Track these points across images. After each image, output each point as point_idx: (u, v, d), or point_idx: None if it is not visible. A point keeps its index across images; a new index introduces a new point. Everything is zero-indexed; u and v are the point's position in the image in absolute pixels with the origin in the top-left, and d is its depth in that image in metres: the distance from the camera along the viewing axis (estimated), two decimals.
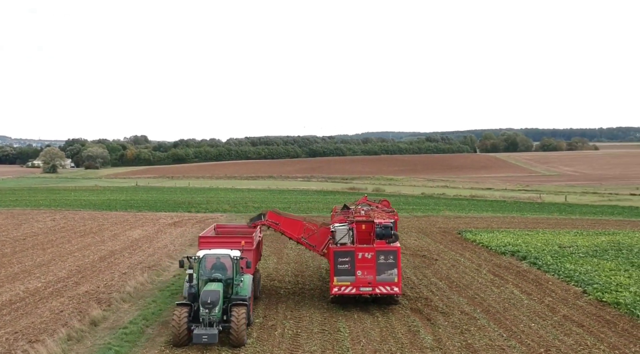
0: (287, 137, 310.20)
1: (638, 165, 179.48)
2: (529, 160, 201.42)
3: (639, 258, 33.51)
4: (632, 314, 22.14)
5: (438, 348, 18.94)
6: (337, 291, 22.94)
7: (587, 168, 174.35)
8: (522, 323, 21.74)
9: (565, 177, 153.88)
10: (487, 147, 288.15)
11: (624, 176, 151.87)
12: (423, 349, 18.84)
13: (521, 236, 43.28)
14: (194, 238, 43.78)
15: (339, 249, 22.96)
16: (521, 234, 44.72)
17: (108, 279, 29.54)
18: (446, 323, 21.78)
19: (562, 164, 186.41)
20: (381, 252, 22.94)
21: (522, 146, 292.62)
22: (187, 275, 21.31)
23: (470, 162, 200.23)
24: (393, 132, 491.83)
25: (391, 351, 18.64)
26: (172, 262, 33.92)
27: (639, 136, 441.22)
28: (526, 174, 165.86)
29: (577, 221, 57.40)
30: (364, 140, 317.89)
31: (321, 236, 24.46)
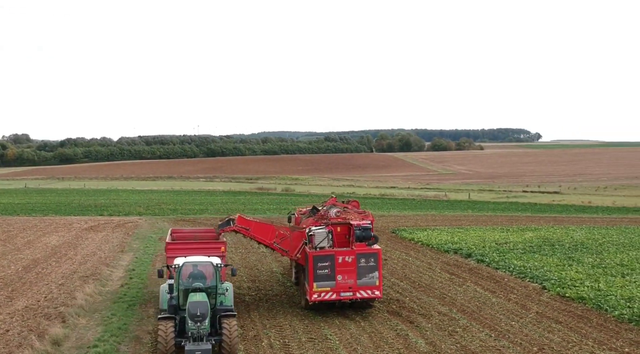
0: (184, 137, 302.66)
1: (523, 164, 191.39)
2: (425, 159, 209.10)
3: (574, 253, 35.16)
4: (600, 309, 22.95)
5: (436, 352, 18.62)
6: (316, 297, 22.06)
7: (478, 167, 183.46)
8: (502, 321, 21.94)
9: (461, 175, 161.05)
10: (383, 147, 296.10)
11: (512, 174, 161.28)
12: None
13: (455, 233, 44.30)
14: (122, 244, 41.23)
15: (318, 253, 22.07)
16: (453, 231, 45.81)
17: (45, 291, 26.83)
18: (429, 325, 21.55)
19: (455, 163, 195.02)
20: (362, 255, 22.30)
21: (415, 145, 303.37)
22: (166, 285, 19.74)
23: (371, 161, 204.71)
24: (290, 131, 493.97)
25: None
26: (111, 270, 31.56)
27: (516, 137, 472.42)
28: (424, 172, 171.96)
29: (494, 218, 59.81)
30: (263, 139, 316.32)
31: (294, 241, 23.47)
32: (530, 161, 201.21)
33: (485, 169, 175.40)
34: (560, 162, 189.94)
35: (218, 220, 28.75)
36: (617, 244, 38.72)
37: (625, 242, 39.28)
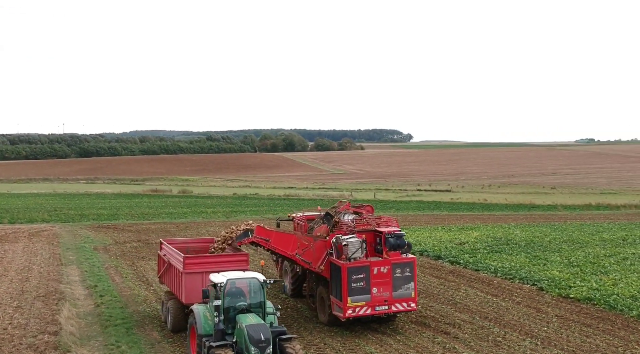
0: (52, 136, 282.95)
1: (408, 163, 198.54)
2: (314, 159, 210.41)
3: (540, 251, 35.97)
4: (614, 309, 23.24)
5: None
6: (351, 313, 20.35)
7: (367, 167, 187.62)
8: (533, 327, 21.50)
9: (353, 175, 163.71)
10: (267, 146, 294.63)
11: (400, 173, 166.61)
12: None
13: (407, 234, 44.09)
14: (54, 256, 36.83)
15: (353, 264, 20.39)
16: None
17: (5, 318, 22.90)
18: (466, 335, 20.64)
19: (344, 163, 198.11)
20: (397, 265, 20.86)
21: (298, 145, 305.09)
22: (202, 307, 17.35)
23: (260, 161, 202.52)
24: (164, 130, 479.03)
25: None
26: (69, 288, 27.73)
27: (390, 137, 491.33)
28: (316, 172, 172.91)
29: (419, 217, 60.54)
30: (141, 139, 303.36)
31: (317, 251, 21.54)
32: (413, 160, 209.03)
33: (374, 169, 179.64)
34: (441, 162, 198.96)
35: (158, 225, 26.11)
36: (563, 241, 40.27)
37: (568, 240, 40.94)
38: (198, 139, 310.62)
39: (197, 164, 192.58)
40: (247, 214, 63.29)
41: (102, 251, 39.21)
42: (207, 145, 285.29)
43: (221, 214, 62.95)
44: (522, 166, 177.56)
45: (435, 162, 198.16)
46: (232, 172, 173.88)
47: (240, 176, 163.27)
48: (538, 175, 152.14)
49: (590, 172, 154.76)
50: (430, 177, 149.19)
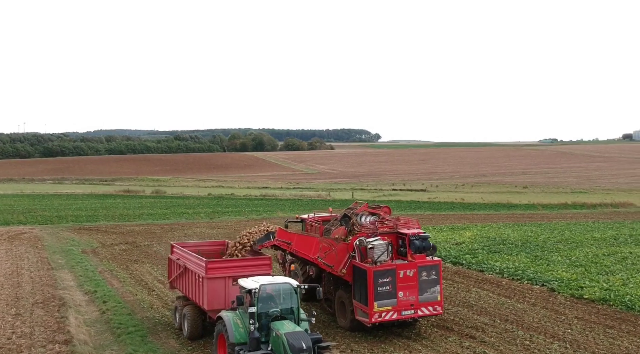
0: (14, 135, 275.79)
1: (380, 163, 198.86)
2: (286, 159, 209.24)
3: (538, 251, 35.91)
4: (632, 310, 23.05)
5: None
6: (377, 318, 19.72)
7: (339, 166, 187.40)
8: (558, 330, 21.08)
9: (326, 174, 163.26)
10: (236, 146, 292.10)
11: (373, 173, 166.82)
12: None
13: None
14: (42, 259, 35.43)
15: (379, 268, 19.79)
16: None
17: (7, 326, 21.69)
18: (493, 339, 20.17)
19: (316, 163, 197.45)
20: (423, 268, 20.29)
21: (268, 145, 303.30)
22: (231, 314, 16.65)
23: (232, 161, 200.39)
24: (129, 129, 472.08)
25: None
26: (67, 293, 26.50)
27: (359, 137, 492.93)
28: (289, 172, 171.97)
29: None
30: (107, 138, 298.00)
31: (339, 254, 20.89)
32: (385, 160, 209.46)
33: (347, 169, 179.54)
34: (412, 162, 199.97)
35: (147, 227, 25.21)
36: (557, 241, 40.35)
37: (562, 239, 41.07)
38: (165, 138, 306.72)
39: (167, 164, 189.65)
40: (229, 215, 62.29)
41: (92, 254, 37.88)
42: (175, 145, 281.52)
43: (204, 215, 61.79)
44: (492, 166, 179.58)
45: (407, 162, 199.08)
46: (204, 172, 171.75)
47: (212, 175, 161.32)
48: (508, 174, 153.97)
49: (558, 172, 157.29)
50: (404, 177, 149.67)
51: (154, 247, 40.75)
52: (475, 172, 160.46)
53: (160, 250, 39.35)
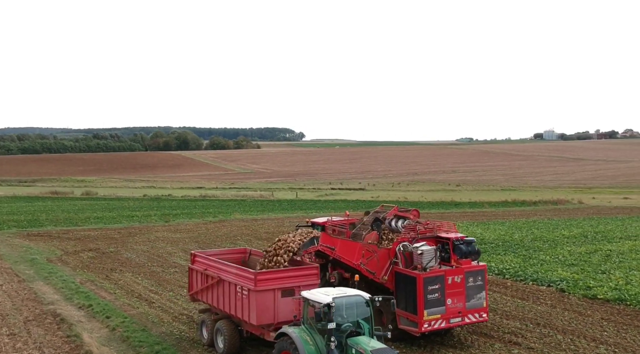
0: None
1: (312, 162, 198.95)
2: (216, 158, 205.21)
3: (523, 250, 36.28)
4: None
5: None
6: (427, 327, 18.85)
7: (273, 165, 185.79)
8: (595, 332, 20.97)
9: (260, 174, 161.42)
10: (159, 145, 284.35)
11: (307, 172, 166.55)
12: None
13: None
14: (6, 270, 32.42)
15: (429, 275, 18.95)
16: None
17: (8, 349, 19.33)
18: (539, 346, 19.59)
19: (248, 162, 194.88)
20: (470, 274, 19.61)
21: (193, 144, 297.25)
22: (296, 329, 15.43)
23: (159, 161, 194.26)
24: (41, 127, 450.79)
25: None
26: (57, 308, 24.07)
27: (283, 135, 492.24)
28: (222, 171, 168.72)
29: None
30: (20, 137, 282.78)
31: (381, 260, 19.93)
32: (317, 159, 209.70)
33: (280, 168, 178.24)
34: (344, 161, 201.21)
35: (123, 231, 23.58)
36: (532, 240, 40.97)
37: (535, 238, 41.80)
38: (84, 137, 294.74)
39: (89, 163, 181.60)
40: (182, 218, 59.83)
41: (60, 263, 35.01)
42: (95, 143, 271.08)
43: (156, 218, 59.00)
44: (421, 164, 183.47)
45: (339, 161, 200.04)
46: (129, 172, 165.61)
47: (140, 175, 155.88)
48: (439, 173, 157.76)
49: (486, 170, 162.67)
50: (338, 176, 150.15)
51: (123, 253, 38.27)
52: (406, 171, 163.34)
53: (132, 257, 37.01)
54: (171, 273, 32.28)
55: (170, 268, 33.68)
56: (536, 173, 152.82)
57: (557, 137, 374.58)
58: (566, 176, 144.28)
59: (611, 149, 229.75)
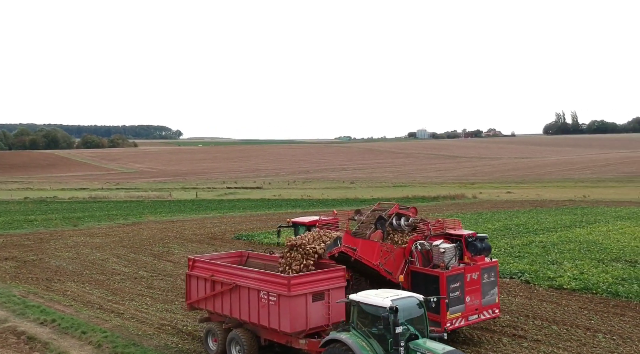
0: None
1: (199, 160, 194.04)
2: (95, 157, 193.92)
3: None
4: (618, 297, 24.56)
5: None
6: (449, 326, 18.57)
7: (158, 164, 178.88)
8: (578, 320, 21.73)
9: (146, 174, 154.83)
10: (25, 143, 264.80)
11: (195, 171, 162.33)
12: None
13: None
14: None
15: (451, 273, 18.67)
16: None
17: None
18: (543, 337, 19.88)
19: (130, 161, 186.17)
20: (485, 270, 19.56)
21: (63, 142, 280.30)
22: (365, 335, 14.53)
23: (31, 160, 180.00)
24: None
25: None
26: (23, 326, 21.25)
27: (159, 133, 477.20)
28: (104, 172, 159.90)
29: (284, 216, 59.53)
30: None
31: (397, 260, 19.35)
32: (204, 157, 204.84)
33: (166, 167, 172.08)
34: (233, 159, 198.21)
35: None
36: None
37: None
38: None
39: None
40: (91, 221, 55.64)
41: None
42: None
43: (60, 222, 54.43)
44: (310, 162, 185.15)
45: (227, 160, 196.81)
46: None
47: (11, 176, 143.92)
48: (330, 170, 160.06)
49: (374, 167, 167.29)
50: (230, 175, 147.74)
51: (49, 261, 34.83)
52: (297, 169, 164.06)
53: (62, 265, 33.78)
54: (118, 280, 29.76)
55: (113, 275, 31.06)
56: (420, 170, 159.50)
57: (429, 136, 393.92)
58: (448, 172, 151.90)
59: (481, 147, 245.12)
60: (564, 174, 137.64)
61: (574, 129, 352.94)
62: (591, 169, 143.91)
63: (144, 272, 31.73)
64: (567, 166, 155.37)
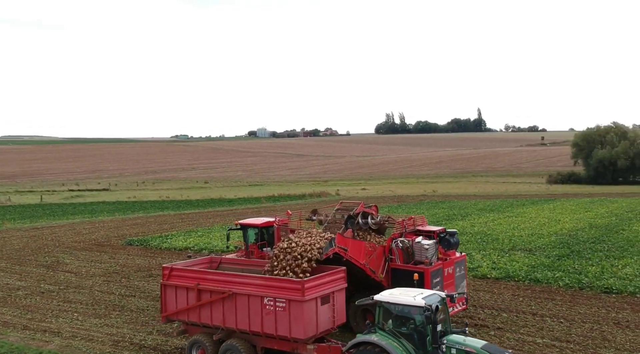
0: None
1: (28, 161, 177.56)
2: None
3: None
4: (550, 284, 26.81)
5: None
6: None
7: None
8: (530, 307, 23.01)
9: None
10: None
11: (27, 173, 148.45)
12: None
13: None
14: None
15: (434, 268, 18.95)
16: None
17: None
18: (525, 328, 20.86)
19: None
20: (457, 264, 20.24)
21: None
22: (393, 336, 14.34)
23: None
24: None
25: None
26: None
27: None
28: None
29: (172, 218, 56.85)
30: None
31: (378, 258, 19.17)
32: (32, 158, 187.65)
33: None
34: (65, 159, 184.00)
35: None
36: None
37: None
38: None
39: None
40: None
41: None
42: None
43: None
44: (156, 162, 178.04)
45: (60, 160, 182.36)
46: None
47: None
48: (179, 170, 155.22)
49: (224, 167, 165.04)
50: (68, 176, 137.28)
51: None
52: (143, 169, 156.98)
53: None
54: (23, 296, 26.49)
55: (12, 290, 27.52)
56: (272, 169, 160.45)
57: (269, 135, 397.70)
58: (300, 170, 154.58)
59: (323, 146, 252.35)
60: (405, 171, 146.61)
61: (402, 128, 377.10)
62: (428, 166, 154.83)
63: (47, 285, 28.52)
64: (407, 163, 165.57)
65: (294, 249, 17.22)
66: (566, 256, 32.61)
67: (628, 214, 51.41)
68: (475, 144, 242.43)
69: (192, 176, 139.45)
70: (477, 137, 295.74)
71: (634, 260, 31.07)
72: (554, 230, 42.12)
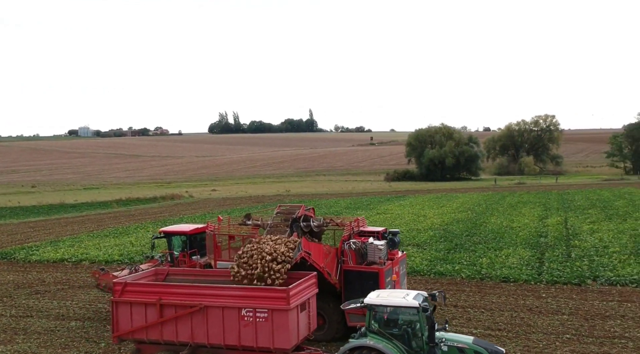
0: None
1: None
2: None
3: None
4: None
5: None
6: None
7: None
8: (485, 304, 24.14)
9: None
10: None
11: None
12: None
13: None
14: None
15: (386, 268, 18.95)
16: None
17: None
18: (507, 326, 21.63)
19: None
20: (401, 263, 20.48)
21: None
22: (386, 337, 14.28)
23: None
24: None
25: None
26: None
27: None
28: None
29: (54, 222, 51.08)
30: None
31: (332, 261, 18.73)
32: None
33: None
34: None
35: None
36: None
37: None
38: None
39: None
40: None
41: None
42: None
43: None
44: None
45: None
46: None
47: None
48: None
49: (51, 169, 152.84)
50: None
51: None
52: None
53: None
54: None
55: None
56: (106, 170, 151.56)
57: (92, 134, 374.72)
58: (138, 172, 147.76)
59: (157, 146, 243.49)
60: (250, 171, 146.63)
61: (236, 128, 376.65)
62: (271, 166, 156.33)
63: None
64: (250, 163, 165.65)
65: (264, 255, 16.38)
66: (453, 249, 34.67)
67: (478, 208, 55.88)
68: (311, 143, 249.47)
69: (16, 180, 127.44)
70: (310, 137, 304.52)
71: (512, 250, 33.78)
72: (427, 225, 44.54)
